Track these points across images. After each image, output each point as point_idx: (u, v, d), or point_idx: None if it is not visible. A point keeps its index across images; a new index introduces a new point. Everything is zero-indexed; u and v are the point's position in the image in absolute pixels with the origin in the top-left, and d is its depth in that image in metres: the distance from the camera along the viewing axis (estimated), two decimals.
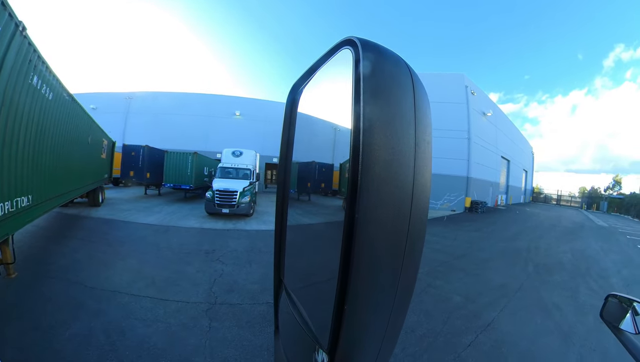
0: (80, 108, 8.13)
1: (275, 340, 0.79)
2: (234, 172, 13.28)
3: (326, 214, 0.62)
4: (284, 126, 0.79)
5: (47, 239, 6.92)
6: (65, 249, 6.25)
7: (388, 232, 0.37)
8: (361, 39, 0.42)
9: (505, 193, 35.26)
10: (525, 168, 44.95)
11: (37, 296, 4.06)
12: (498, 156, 30.86)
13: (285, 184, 0.81)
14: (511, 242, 11.30)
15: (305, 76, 0.69)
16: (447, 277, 6.28)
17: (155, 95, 27.88)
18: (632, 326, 1.22)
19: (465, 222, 16.15)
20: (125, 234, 8.03)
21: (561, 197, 49.79)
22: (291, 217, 0.79)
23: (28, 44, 4.39)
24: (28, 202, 4.71)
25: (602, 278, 7.22)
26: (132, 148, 17.13)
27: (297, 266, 0.73)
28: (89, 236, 7.50)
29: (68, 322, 3.46)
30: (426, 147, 0.40)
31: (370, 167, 0.36)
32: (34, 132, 4.84)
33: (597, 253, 10.44)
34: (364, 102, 0.37)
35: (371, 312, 0.40)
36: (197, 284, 4.96)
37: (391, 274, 0.39)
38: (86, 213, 10.28)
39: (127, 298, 4.26)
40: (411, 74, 0.41)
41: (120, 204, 12.99)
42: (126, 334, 3.35)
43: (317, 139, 0.69)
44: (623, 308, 1.28)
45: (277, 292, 0.81)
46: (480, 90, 26.05)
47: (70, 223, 8.75)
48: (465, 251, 8.99)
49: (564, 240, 12.83)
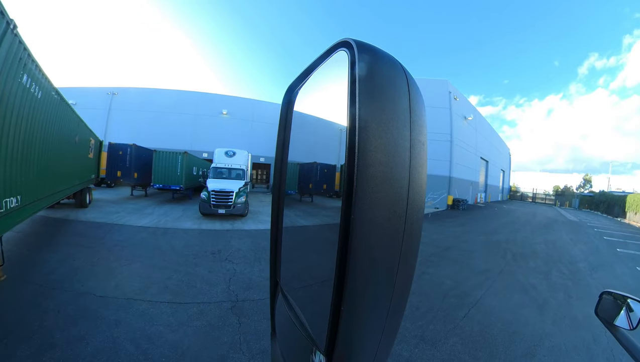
0: (68, 107, 7.95)
1: (271, 342, 0.79)
2: (227, 173, 13.21)
3: (324, 216, 0.60)
4: (279, 127, 0.79)
5: (38, 247, 6.35)
6: (61, 256, 5.79)
7: (384, 232, 0.37)
8: (357, 41, 0.42)
9: (484, 191, 37.12)
10: (502, 168, 47.35)
11: (43, 311, 3.69)
12: (477, 157, 32.58)
13: (280, 185, 0.81)
14: (491, 235, 12.25)
15: (301, 77, 0.69)
16: (438, 265, 6.99)
17: (141, 92, 26.77)
18: (626, 322, 1.23)
19: (448, 219, 17.12)
20: (123, 238, 7.65)
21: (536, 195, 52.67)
22: (288, 219, 0.79)
23: (19, 42, 4.30)
24: (17, 203, 4.58)
25: (571, 263, 8.17)
26: (119, 147, 16.16)
27: (293, 268, 0.73)
28: (84, 241, 6.99)
29: (87, 336, 3.21)
30: (421, 148, 0.40)
31: (365, 168, 0.36)
32: (23, 132, 4.72)
33: (567, 244, 11.54)
34: (360, 103, 0.37)
35: (368, 313, 0.40)
36: (213, 284, 4.97)
37: (387, 275, 0.39)
38: (74, 216, 9.75)
39: (144, 305, 4.07)
40: (406, 76, 0.41)
41: (107, 206, 12.47)
42: (155, 342, 3.23)
43: (321, 140, 0.67)
44: (617, 305, 1.29)
45: (273, 294, 0.81)
46: (462, 96, 27.53)
47: (60, 228, 8.13)
48: (451, 244, 9.78)
49: (538, 233, 13.97)
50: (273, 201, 0.80)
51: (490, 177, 39.33)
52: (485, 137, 35.89)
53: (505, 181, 51.43)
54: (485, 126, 36.94)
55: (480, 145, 32.98)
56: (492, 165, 39.69)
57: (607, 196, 34.28)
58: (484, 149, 35.14)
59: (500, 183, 46.74)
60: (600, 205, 34.21)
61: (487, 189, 38.21)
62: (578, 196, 44.75)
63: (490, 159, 38.76)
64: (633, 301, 1.24)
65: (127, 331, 3.43)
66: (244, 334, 3.51)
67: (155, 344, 3.21)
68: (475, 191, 32.44)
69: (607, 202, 32.52)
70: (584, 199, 41.45)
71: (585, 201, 40.22)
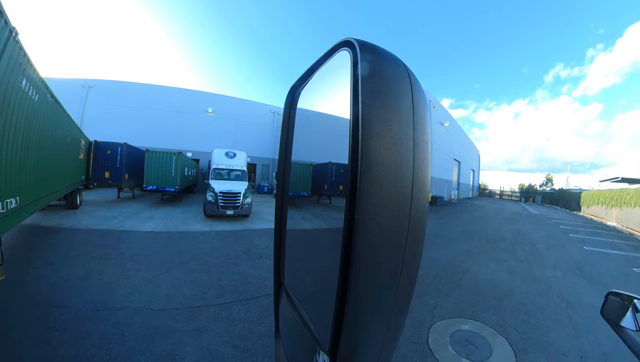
0: (61, 108, 8.03)
1: (275, 342, 0.79)
2: (228, 174, 13.19)
3: (329, 218, 0.58)
4: (282, 128, 0.78)
5: (47, 263, 5.35)
6: (80, 271, 5.05)
7: (388, 232, 0.37)
8: (359, 40, 0.42)
9: (457, 189, 40.18)
10: (472, 168, 51.18)
11: (105, 339, 3.13)
12: (451, 158, 35.52)
13: (284, 186, 0.80)
14: (468, 226, 14.23)
15: (304, 78, 0.69)
16: (432, 248, 8.63)
17: (120, 86, 24.60)
18: (632, 323, 1.19)
19: (429, 213, 19.10)
20: (140, 245, 7.03)
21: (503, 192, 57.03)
22: (296, 221, 0.79)
23: (19, 48, 4.48)
24: (16, 204, 4.65)
25: (532, 245, 10.18)
26: (107, 146, 14.45)
27: (298, 268, 0.73)
28: (99, 252, 6.23)
29: (176, 353, 2.99)
30: (425, 148, 0.40)
31: (369, 168, 0.36)
32: (22, 134, 4.80)
33: (529, 231, 13.74)
34: (363, 103, 0.37)
35: (372, 313, 0.40)
36: (266, 279, 5.23)
37: (391, 275, 0.39)
38: (69, 224, 8.83)
39: (214, 309, 3.99)
40: (409, 75, 0.41)
41: (97, 211, 11.49)
42: (248, 338, 3.35)
43: (334, 138, 0.63)
44: (624, 305, 1.24)
45: (277, 294, 0.82)
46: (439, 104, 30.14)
47: (59, 238, 7.09)
48: (437, 233, 11.55)
49: (505, 223, 16.22)
50: (277, 202, 0.81)
51: (462, 176, 42.62)
52: (458, 140, 39.05)
53: (475, 179, 55.48)
54: (458, 130, 40.13)
55: (453, 147, 36.03)
56: (463, 165, 43.00)
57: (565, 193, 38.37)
58: (457, 151, 38.24)
59: (470, 181, 50.49)
60: (560, 200, 38.20)
61: (459, 187, 41.37)
62: (540, 192, 49.23)
63: (462, 160, 42.04)
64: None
65: (216, 336, 3.33)
66: None
67: (249, 340, 3.29)
68: (450, 188, 35.30)
69: (565, 198, 36.43)
70: (545, 195, 45.71)
71: (547, 197, 44.42)
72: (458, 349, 3.36)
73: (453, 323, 3.99)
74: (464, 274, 6.28)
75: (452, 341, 3.52)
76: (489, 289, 5.43)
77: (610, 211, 21.86)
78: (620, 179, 28.00)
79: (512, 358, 3.28)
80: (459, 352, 3.31)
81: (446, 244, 9.48)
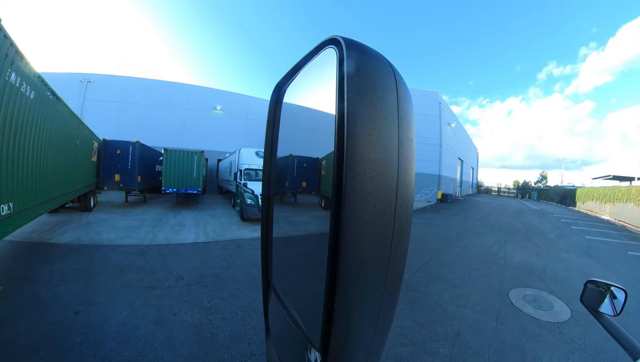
0: (66, 108, 7.72)
1: (266, 342, 0.79)
2: (256, 174, 12.49)
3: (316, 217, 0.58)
4: (267, 125, 0.78)
5: (93, 304, 3.92)
6: (148, 311, 3.85)
7: (374, 229, 0.38)
8: (345, 38, 0.42)
9: (460, 186, 42.53)
10: (472, 166, 53.66)
11: None
12: (456, 157, 37.78)
13: (269, 183, 0.80)
14: (484, 220, 16.32)
15: (289, 75, 0.68)
16: (465, 240, 10.63)
17: (121, 81, 23.07)
18: (610, 308, 1.28)
19: (444, 210, 21.14)
20: (194, 263, 5.91)
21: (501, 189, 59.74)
22: (278, 221, 0.78)
23: (4, 37, 4.02)
24: (9, 210, 4.31)
25: (544, 235, 12.29)
26: (117, 145, 12.88)
27: (285, 267, 0.73)
28: (147, 279, 4.94)
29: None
30: (409, 145, 0.41)
31: (354, 166, 0.36)
32: (13, 135, 4.42)
33: (538, 224, 15.90)
34: (348, 101, 0.37)
35: (361, 309, 0.40)
36: None
37: (378, 271, 0.40)
38: (88, 239, 7.26)
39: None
40: (394, 74, 0.42)
41: (113, 219, 10.11)
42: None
43: (320, 136, 0.60)
44: (601, 292, 1.34)
45: (265, 293, 0.82)
46: (447, 106, 32.25)
47: (85, 263, 5.51)
48: (464, 228, 13.57)
49: (515, 218, 18.38)
50: (262, 199, 0.81)
51: (464, 174, 44.99)
52: (461, 139, 41.35)
53: (474, 176, 58.08)
54: (460, 129, 42.35)
55: (457, 146, 38.24)
56: (465, 163, 45.38)
57: (560, 189, 40.86)
58: (460, 150, 40.53)
59: (470, 179, 52.99)
60: (555, 197, 40.66)
61: (462, 185, 43.73)
62: (536, 189, 51.92)
63: (465, 158, 44.40)
64: (616, 288, 1.29)
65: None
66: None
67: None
68: (455, 186, 37.59)
69: (560, 194, 38.85)
70: (541, 192, 48.15)
71: (542, 194, 46.89)
72: (532, 305, 5.26)
73: (519, 291, 5.86)
74: (505, 258, 8.28)
75: (525, 300, 5.43)
76: (527, 268, 7.42)
77: (604, 206, 24.20)
78: (612, 177, 30.54)
79: (566, 307, 5.19)
80: (534, 307, 5.20)
81: (477, 236, 11.51)
